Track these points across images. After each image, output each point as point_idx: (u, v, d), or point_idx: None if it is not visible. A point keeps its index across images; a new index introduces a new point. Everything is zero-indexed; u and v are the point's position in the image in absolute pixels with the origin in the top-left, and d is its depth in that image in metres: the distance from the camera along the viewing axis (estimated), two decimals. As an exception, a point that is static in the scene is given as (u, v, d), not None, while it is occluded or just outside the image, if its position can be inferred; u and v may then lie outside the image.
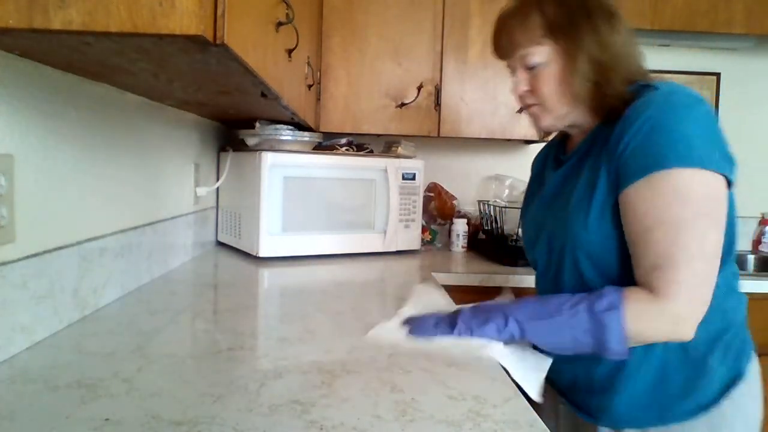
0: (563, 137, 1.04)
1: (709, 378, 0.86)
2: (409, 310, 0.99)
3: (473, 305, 0.90)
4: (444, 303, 1.12)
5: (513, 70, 0.94)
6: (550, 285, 0.97)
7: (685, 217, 0.75)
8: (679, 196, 0.75)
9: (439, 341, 0.85)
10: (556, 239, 0.93)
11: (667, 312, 0.75)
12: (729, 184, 0.79)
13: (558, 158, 1.02)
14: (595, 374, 0.90)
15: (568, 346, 0.80)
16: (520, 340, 0.82)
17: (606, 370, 0.89)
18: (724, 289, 0.85)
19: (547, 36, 0.87)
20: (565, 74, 0.87)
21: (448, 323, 0.86)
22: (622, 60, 0.86)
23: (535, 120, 0.96)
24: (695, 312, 0.76)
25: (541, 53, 0.88)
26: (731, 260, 0.90)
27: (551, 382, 0.98)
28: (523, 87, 0.92)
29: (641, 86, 0.85)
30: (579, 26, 0.86)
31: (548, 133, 1.02)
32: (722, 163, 0.77)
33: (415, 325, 0.90)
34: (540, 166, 1.11)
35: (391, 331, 0.91)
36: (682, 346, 0.84)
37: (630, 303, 0.77)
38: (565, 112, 0.91)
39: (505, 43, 0.94)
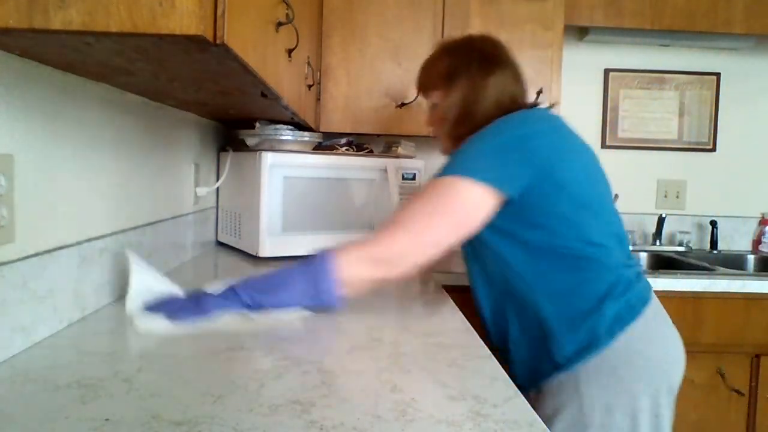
0: None
1: (595, 323, 0.98)
2: (137, 296, 0.96)
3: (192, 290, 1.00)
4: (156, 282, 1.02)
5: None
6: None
7: (425, 206, 0.98)
8: (431, 192, 0.98)
9: (202, 322, 0.91)
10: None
11: (369, 252, 0.97)
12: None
13: None
14: (496, 342, 1.10)
15: (291, 299, 0.95)
16: (254, 304, 0.94)
17: (497, 339, 1.08)
18: (593, 269, 1.01)
19: (441, 82, 1.13)
20: (445, 113, 1.12)
21: (196, 305, 0.93)
22: (484, 102, 1.08)
23: (442, 149, 1.20)
24: (392, 252, 0.97)
25: (436, 95, 1.16)
26: (605, 238, 1.03)
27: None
28: (427, 122, 1.23)
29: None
30: (459, 75, 1.10)
31: None
32: (498, 178, 0.96)
33: (168, 311, 0.92)
34: None
35: (155, 321, 0.91)
36: (543, 325, 1.01)
37: (338, 253, 0.96)
38: (449, 145, 1.14)
39: (419, 86, 1.22)
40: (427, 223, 0.97)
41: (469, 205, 0.97)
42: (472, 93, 1.08)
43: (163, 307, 0.93)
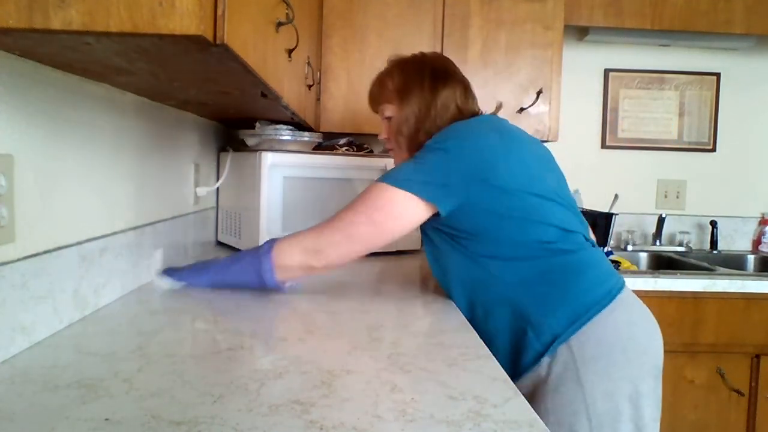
0: None
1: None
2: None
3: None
4: None
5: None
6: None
7: (356, 208, 1.08)
8: (366, 196, 1.07)
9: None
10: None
11: (306, 244, 1.08)
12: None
13: None
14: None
15: (237, 279, 1.15)
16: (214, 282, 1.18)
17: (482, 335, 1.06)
18: (570, 261, 1.05)
19: (394, 96, 1.19)
20: (399, 125, 1.17)
21: (181, 273, 1.20)
22: (432, 114, 1.14)
23: (394, 159, 1.28)
24: (328, 255, 1.08)
25: (390, 109, 1.21)
26: (573, 228, 1.08)
27: None
28: (383, 134, 1.26)
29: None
30: (411, 89, 1.16)
31: None
32: (426, 189, 1.02)
33: (170, 274, 1.20)
34: None
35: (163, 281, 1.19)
36: (519, 316, 1.04)
37: (281, 241, 1.11)
38: (406, 156, 1.16)
39: (371, 100, 1.29)
40: (353, 221, 1.07)
41: (396, 213, 1.05)
42: (423, 106, 1.14)
43: (170, 272, 1.21)
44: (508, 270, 1.05)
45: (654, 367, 1.03)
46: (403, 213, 1.05)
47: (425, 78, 1.16)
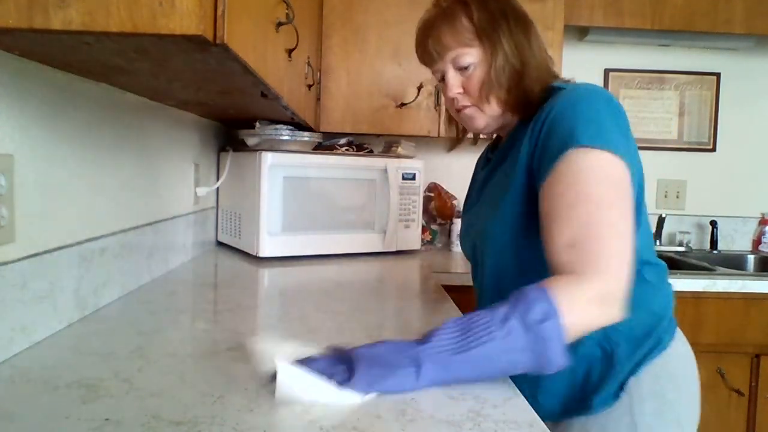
0: (497, 138, 1.07)
1: (622, 368, 0.85)
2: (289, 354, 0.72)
3: (369, 345, 0.72)
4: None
5: (441, 75, 0.96)
6: (476, 283, 1.00)
7: (608, 196, 0.73)
8: (598, 176, 0.74)
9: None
10: (477, 235, 0.96)
11: (596, 290, 0.69)
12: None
13: (488, 157, 1.06)
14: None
15: (502, 371, 0.69)
16: (443, 384, 0.69)
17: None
18: (655, 284, 0.88)
19: (475, 38, 0.91)
20: (492, 74, 0.91)
21: (344, 370, 0.67)
22: (534, 62, 0.91)
23: (470, 121, 0.97)
24: (621, 288, 0.71)
25: (472, 54, 0.92)
26: (653, 254, 0.91)
27: None
28: (457, 89, 0.94)
29: (554, 87, 0.89)
30: (499, 30, 0.91)
31: (477, 137, 1.10)
32: (628, 153, 0.77)
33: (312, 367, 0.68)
34: (477, 166, 1.15)
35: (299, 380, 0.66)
36: (607, 346, 0.84)
37: (559, 298, 0.67)
38: (498, 112, 0.94)
39: (433, 48, 0.95)
40: (620, 213, 0.74)
41: (629, 184, 0.77)
42: (520, 52, 0.91)
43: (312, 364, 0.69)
44: None
45: (698, 407, 0.90)
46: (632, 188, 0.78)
47: (509, 17, 0.92)
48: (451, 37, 0.93)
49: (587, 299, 0.69)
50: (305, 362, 0.68)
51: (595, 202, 0.73)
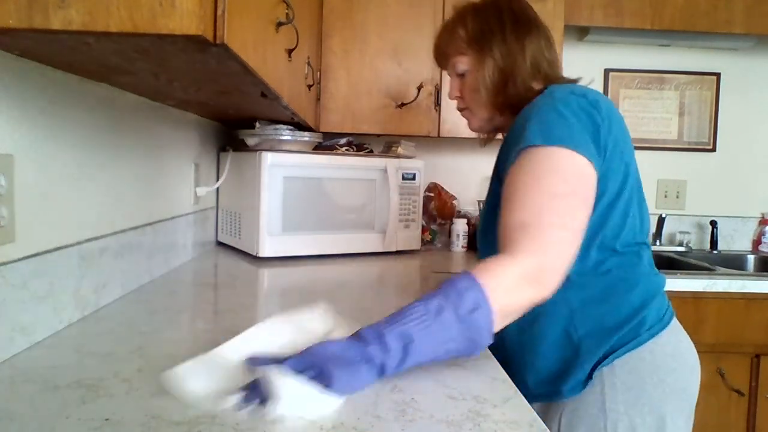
0: None
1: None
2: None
3: (319, 345, 0.69)
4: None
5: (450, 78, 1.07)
6: None
7: (559, 190, 0.78)
8: (552, 171, 0.80)
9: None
10: (480, 231, 1.02)
11: (525, 268, 0.73)
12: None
13: None
14: (508, 351, 0.95)
15: (435, 359, 0.70)
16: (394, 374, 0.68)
17: (519, 348, 0.94)
18: (628, 279, 0.90)
19: (468, 46, 1.00)
20: (479, 80, 0.99)
21: (317, 371, 0.64)
22: (524, 67, 0.96)
23: (468, 123, 1.09)
24: (553, 270, 0.75)
25: (464, 62, 1.01)
26: (636, 247, 0.92)
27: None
28: (454, 93, 1.06)
29: (545, 90, 0.93)
30: (491, 38, 0.97)
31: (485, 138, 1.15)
32: (590, 149, 0.81)
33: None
34: None
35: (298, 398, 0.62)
36: (574, 335, 0.89)
37: (489, 284, 0.70)
38: (487, 116, 1.02)
39: (438, 54, 1.08)
40: (569, 206, 0.78)
41: (587, 179, 0.81)
42: (509, 58, 0.96)
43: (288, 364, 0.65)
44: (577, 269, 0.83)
45: (691, 405, 0.91)
46: (592, 179, 0.83)
47: (505, 24, 0.97)
48: (448, 47, 1.04)
49: (515, 279, 0.73)
50: (279, 362, 0.65)
51: (547, 192, 0.78)
